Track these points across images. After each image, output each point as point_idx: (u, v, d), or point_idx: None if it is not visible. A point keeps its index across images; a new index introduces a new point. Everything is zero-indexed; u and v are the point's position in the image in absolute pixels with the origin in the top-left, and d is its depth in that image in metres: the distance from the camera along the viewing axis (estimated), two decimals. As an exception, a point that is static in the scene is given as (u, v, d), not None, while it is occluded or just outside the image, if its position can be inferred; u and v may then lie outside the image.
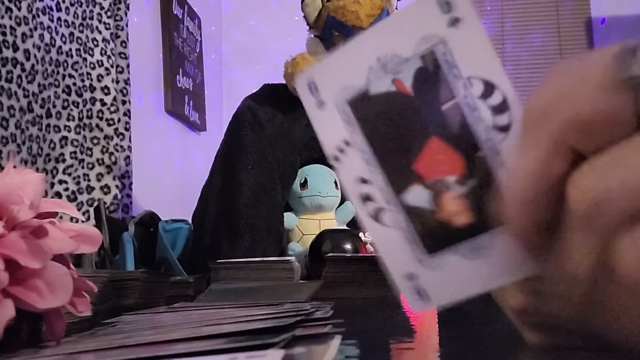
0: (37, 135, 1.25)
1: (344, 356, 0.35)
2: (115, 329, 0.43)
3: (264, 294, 0.69)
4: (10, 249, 0.32)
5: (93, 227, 0.39)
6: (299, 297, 0.60)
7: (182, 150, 2.22)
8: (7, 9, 1.13)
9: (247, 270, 0.81)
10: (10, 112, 1.13)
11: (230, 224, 1.12)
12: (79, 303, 0.38)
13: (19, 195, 0.34)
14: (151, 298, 0.68)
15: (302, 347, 0.26)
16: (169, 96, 2.06)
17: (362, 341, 0.40)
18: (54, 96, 1.33)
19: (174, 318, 0.44)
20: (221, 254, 1.04)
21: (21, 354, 0.33)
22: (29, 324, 0.36)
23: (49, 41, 1.30)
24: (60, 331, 0.36)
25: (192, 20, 2.32)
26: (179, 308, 0.56)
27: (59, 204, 0.39)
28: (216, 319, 0.37)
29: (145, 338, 0.31)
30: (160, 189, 1.93)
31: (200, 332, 0.30)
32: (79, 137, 1.40)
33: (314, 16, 1.35)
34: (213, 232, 1.14)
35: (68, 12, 1.38)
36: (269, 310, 0.40)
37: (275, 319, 0.33)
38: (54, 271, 0.33)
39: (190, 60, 2.28)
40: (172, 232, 1.15)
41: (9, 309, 0.31)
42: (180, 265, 1.02)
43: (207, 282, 0.83)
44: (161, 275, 0.78)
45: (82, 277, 0.39)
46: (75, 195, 1.38)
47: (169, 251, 1.05)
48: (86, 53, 1.45)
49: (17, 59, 1.15)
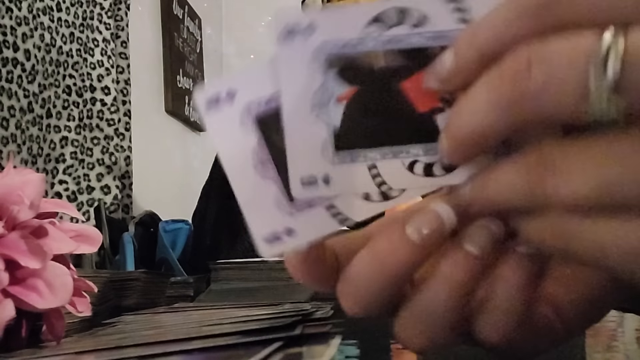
0: (37, 136, 1.25)
1: (344, 356, 0.35)
2: (115, 329, 0.43)
3: (264, 294, 0.69)
4: (10, 249, 0.32)
5: (93, 227, 0.39)
6: (299, 297, 0.61)
7: (182, 150, 2.22)
8: (7, 9, 1.13)
9: (247, 270, 0.81)
10: (11, 112, 1.13)
11: (230, 224, 1.12)
12: (79, 303, 0.38)
13: (19, 195, 0.34)
14: (151, 298, 0.68)
15: (302, 347, 0.26)
16: (169, 96, 2.06)
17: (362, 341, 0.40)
18: (54, 96, 1.34)
19: (174, 318, 0.44)
20: (221, 254, 1.04)
21: (21, 354, 0.33)
22: (29, 324, 0.36)
23: (49, 41, 1.30)
24: (60, 331, 0.36)
25: (192, 20, 2.32)
26: (179, 308, 0.56)
27: (59, 204, 0.39)
28: (216, 319, 0.37)
29: (145, 338, 0.31)
30: (160, 189, 1.92)
31: (200, 332, 0.30)
32: (79, 138, 1.40)
33: (314, 16, 1.35)
34: (213, 232, 1.14)
35: (68, 12, 1.38)
36: (269, 310, 0.40)
37: (275, 319, 0.32)
38: (54, 271, 0.33)
39: (190, 60, 2.28)
40: (172, 232, 1.15)
41: (9, 309, 0.31)
42: (180, 265, 1.02)
43: (207, 282, 0.83)
44: (161, 275, 0.78)
45: (82, 277, 0.39)
46: (76, 196, 1.38)
47: (169, 251, 1.05)
48: (86, 53, 1.45)
49: (18, 59, 1.15)
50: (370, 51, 0.21)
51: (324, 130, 0.21)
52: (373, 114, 0.21)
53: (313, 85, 0.21)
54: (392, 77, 0.21)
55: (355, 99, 0.21)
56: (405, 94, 0.21)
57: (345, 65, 0.21)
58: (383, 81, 0.21)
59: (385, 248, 0.20)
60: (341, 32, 0.21)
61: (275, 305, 0.47)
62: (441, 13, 0.20)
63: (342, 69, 0.21)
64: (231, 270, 0.82)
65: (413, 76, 0.21)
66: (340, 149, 0.21)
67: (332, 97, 0.21)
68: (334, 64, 0.21)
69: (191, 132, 2.32)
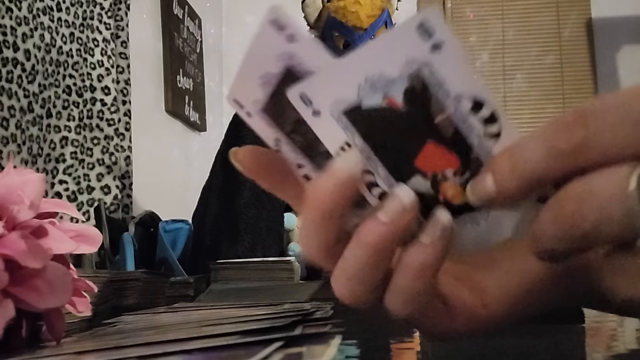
0: (38, 136, 1.25)
1: (344, 356, 0.35)
2: (115, 329, 0.43)
3: (264, 294, 0.69)
4: (10, 249, 0.32)
5: (93, 227, 0.39)
6: (299, 297, 0.61)
7: (182, 150, 2.22)
8: (7, 9, 1.13)
9: (247, 271, 0.81)
10: (11, 112, 1.13)
11: (230, 224, 1.12)
12: (79, 303, 0.38)
13: (19, 195, 0.34)
14: (151, 298, 0.68)
15: (302, 347, 0.26)
16: (169, 96, 2.06)
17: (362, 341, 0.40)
18: (55, 96, 1.34)
19: (174, 318, 0.44)
20: (221, 254, 1.04)
21: (21, 354, 0.33)
22: (29, 324, 0.36)
23: (49, 41, 1.30)
24: (60, 331, 0.36)
25: (192, 20, 2.32)
26: (179, 308, 0.56)
27: (59, 204, 0.39)
28: (216, 319, 0.37)
29: (145, 338, 0.31)
30: (160, 189, 1.92)
31: (200, 332, 0.30)
32: (79, 137, 1.40)
33: (314, 17, 1.35)
34: (213, 232, 1.14)
35: (68, 12, 1.38)
36: (269, 310, 0.40)
37: (275, 319, 0.32)
38: (54, 271, 0.33)
39: (190, 60, 2.28)
40: (172, 232, 1.15)
41: (9, 309, 0.31)
42: (180, 266, 1.02)
43: (207, 282, 0.83)
44: (161, 275, 0.78)
45: (82, 277, 0.39)
46: (76, 196, 1.38)
47: (169, 251, 1.05)
48: (86, 53, 1.45)
49: (18, 59, 1.15)
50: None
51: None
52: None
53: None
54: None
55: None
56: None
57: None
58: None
59: (365, 232, 0.24)
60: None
61: (275, 305, 0.47)
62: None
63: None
64: (231, 270, 0.82)
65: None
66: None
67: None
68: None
69: (191, 132, 2.32)
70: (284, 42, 0.23)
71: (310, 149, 0.26)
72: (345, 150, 0.24)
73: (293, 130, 0.26)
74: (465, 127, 0.22)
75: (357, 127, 0.23)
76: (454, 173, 0.23)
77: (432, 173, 0.24)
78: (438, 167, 0.23)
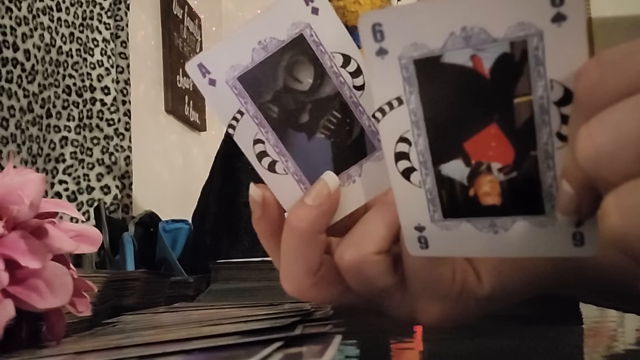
0: (37, 136, 1.25)
1: (344, 356, 0.35)
2: (115, 329, 0.43)
3: (264, 294, 0.69)
4: (10, 249, 0.32)
5: (93, 227, 0.39)
6: (299, 297, 0.60)
7: (182, 150, 2.21)
8: (7, 9, 1.13)
9: (247, 270, 0.81)
10: (11, 112, 1.13)
11: (230, 224, 1.12)
12: (79, 303, 0.38)
13: (19, 195, 0.34)
14: (151, 298, 0.68)
15: (302, 347, 0.26)
16: (169, 96, 2.06)
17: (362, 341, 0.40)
18: (54, 96, 1.34)
19: (174, 318, 0.44)
20: (221, 254, 1.04)
21: (21, 354, 0.33)
22: (29, 324, 0.36)
23: (49, 41, 1.30)
24: (60, 331, 0.36)
25: (192, 20, 2.32)
26: (179, 308, 0.56)
27: (59, 204, 0.39)
28: (216, 319, 0.37)
29: (145, 338, 0.31)
30: (160, 189, 1.92)
31: (200, 332, 0.30)
32: (79, 137, 1.40)
33: (314, 16, 1.35)
34: (213, 232, 1.14)
35: (68, 12, 1.38)
36: (269, 310, 0.40)
37: (275, 319, 0.32)
38: (54, 271, 0.33)
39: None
40: (172, 232, 1.15)
41: (9, 309, 0.31)
42: (180, 265, 1.02)
43: (207, 282, 0.83)
44: (161, 275, 0.78)
45: (82, 277, 0.39)
46: (75, 196, 1.38)
47: (169, 251, 1.04)
48: (86, 53, 1.45)
49: (18, 59, 1.15)
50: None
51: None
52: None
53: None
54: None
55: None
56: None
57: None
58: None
59: (293, 214, 0.26)
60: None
61: (275, 305, 0.47)
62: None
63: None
64: (231, 270, 0.82)
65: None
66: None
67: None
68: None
69: (191, 132, 2.32)
70: (309, 13, 0.24)
71: (287, 121, 0.26)
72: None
73: (273, 99, 0.26)
74: (541, 119, 0.20)
75: (421, 81, 0.21)
76: (500, 168, 0.21)
77: (477, 161, 0.21)
78: (488, 156, 0.21)
